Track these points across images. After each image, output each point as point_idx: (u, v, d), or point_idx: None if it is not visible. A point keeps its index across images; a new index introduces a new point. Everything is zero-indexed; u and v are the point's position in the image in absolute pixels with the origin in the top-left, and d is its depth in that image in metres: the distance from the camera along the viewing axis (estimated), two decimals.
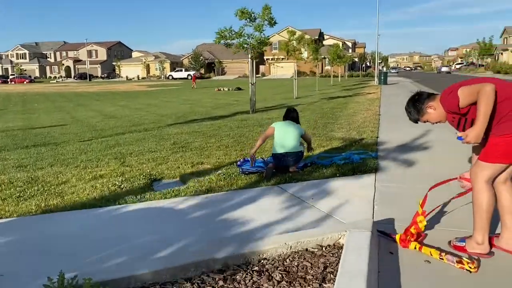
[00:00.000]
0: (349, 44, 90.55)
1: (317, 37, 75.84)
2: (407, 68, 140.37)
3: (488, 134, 2.70)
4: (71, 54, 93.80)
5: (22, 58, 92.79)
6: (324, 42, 78.70)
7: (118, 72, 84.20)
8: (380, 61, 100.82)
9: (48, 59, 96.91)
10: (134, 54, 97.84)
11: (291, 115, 5.64)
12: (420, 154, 6.12)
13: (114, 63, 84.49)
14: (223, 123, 10.85)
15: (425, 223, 3.08)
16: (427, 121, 2.97)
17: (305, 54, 26.61)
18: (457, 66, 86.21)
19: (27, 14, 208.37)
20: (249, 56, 13.40)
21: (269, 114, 12.73)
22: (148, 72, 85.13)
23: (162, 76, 77.40)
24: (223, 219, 3.65)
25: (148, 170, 5.63)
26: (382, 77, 30.08)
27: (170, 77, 72.86)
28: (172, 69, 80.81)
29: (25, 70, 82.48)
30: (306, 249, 2.74)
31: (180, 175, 5.33)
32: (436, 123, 2.98)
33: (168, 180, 5.27)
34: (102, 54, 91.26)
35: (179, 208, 3.99)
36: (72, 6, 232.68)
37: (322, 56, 51.41)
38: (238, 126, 10.15)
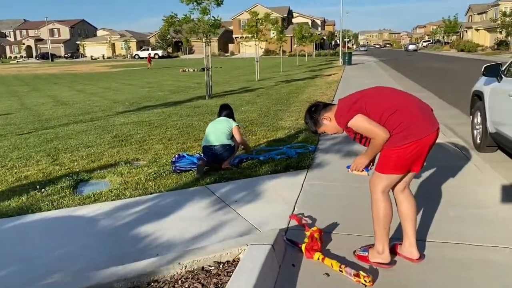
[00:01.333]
0: (319, 22, 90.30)
1: (285, 15, 75.26)
2: (377, 46, 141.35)
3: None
4: (32, 33, 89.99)
5: None
6: (294, 20, 78.13)
7: (82, 52, 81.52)
8: (349, 39, 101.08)
9: (7, 38, 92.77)
10: (99, 33, 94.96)
11: (224, 113, 5.49)
12: (363, 147, 6.11)
13: (78, 42, 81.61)
14: (175, 111, 10.62)
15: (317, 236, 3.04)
16: (325, 132, 2.93)
17: (271, 34, 26.34)
18: (424, 44, 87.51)
19: None
20: (203, 41, 13.11)
21: (226, 100, 12.53)
22: (113, 51, 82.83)
23: (128, 55, 75.42)
24: (134, 230, 3.51)
25: (78, 169, 5.41)
26: (347, 58, 30.16)
27: (136, 56, 71.05)
28: (139, 48, 78.89)
29: None
30: (202, 268, 2.65)
31: (110, 174, 5.14)
32: (334, 134, 2.94)
33: (96, 180, 5.07)
34: (65, 33, 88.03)
35: (93, 216, 3.83)
36: None
37: (291, 35, 51.08)
38: (189, 114, 9.95)
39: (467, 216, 3.60)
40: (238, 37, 73.49)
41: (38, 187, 4.68)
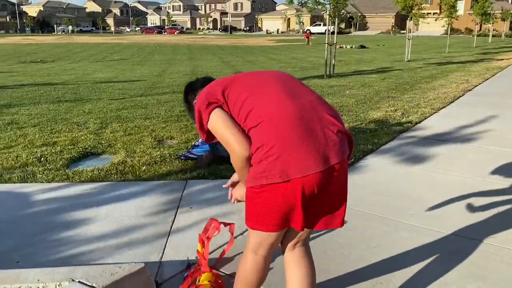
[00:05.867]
0: None
1: None
2: None
3: None
4: (219, 6, 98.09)
5: (177, 10, 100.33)
6: None
7: (260, 26, 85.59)
8: None
9: (199, 11, 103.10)
10: (279, 7, 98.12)
11: None
12: (432, 160, 4.56)
13: (256, 16, 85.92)
14: None
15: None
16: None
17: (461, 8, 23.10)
18: None
19: None
20: (327, 13, 11.93)
21: (343, 81, 11.23)
22: (288, 26, 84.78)
23: (300, 30, 76.28)
24: (35, 225, 3.05)
25: (104, 141, 5.23)
26: None
27: (308, 31, 71.34)
28: (312, 23, 78.93)
29: (175, 21, 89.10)
30: None
31: (123, 151, 4.79)
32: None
33: (107, 155, 4.79)
34: (247, 7, 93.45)
35: (27, 198, 3.48)
36: None
37: (469, 12, 44.32)
38: None
39: None
40: (417, 13, 67.30)
41: (41, 155, 4.60)
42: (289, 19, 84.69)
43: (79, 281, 2.04)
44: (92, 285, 2.02)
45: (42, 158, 4.50)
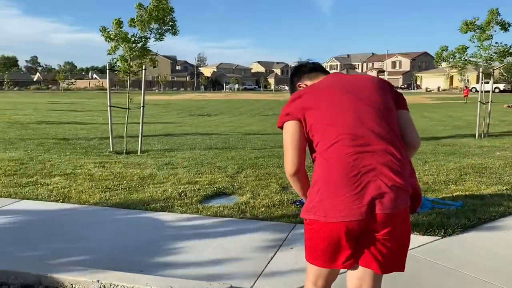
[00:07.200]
0: None
1: None
2: None
3: None
4: (376, 65, 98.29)
5: (334, 69, 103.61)
6: None
7: (419, 83, 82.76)
8: None
9: (356, 69, 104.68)
10: (443, 64, 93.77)
11: None
12: None
13: (415, 74, 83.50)
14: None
15: None
16: None
17: None
18: None
19: (340, 27, 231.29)
20: (480, 70, 11.24)
21: (497, 142, 10.28)
22: (451, 83, 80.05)
23: (463, 88, 71.22)
24: (164, 245, 3.63)
25: (236, 184, 5.85)
26: None
27: (473, 90, 66.11)
28: (478, 81, 73.18)
29: None
30: None
31: (249, 194, 5.31)
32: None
33: (235, 196, 5.36)
34: (406, 65, 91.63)
35: (160, 223, 4.15)
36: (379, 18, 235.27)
37: None
38: (432, 151, 8.70)
39: None
40: None
41: (182, 191, 5.38)
42: (452, 76, 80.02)
43: None
44: None
45: (183, 194, 5.29)
